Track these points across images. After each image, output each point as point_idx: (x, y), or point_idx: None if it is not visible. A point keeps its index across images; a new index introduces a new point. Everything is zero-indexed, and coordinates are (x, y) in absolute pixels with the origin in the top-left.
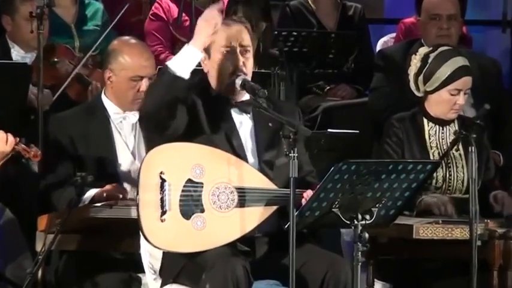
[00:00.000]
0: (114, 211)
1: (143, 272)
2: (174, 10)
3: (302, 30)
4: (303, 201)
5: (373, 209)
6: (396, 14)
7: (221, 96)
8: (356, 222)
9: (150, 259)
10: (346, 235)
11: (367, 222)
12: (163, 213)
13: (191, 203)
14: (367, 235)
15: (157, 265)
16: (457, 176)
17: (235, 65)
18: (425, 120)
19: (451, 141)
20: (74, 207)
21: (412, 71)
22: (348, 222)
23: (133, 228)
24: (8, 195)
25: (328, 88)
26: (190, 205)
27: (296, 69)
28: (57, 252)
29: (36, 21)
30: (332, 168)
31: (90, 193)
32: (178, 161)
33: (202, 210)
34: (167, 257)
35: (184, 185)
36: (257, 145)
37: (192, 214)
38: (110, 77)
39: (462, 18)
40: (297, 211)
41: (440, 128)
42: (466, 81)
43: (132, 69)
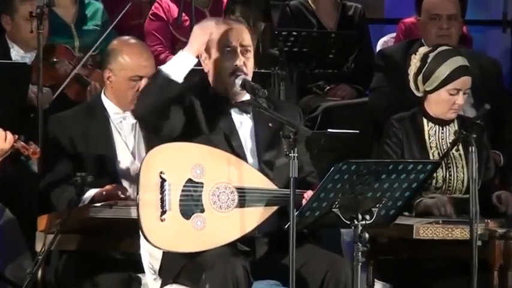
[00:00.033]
0: (114, 211)
1: (143, 272)
2: (174, 10)
3: (302, 30)
4: (303, 201)
5: (373, 209)
6: (396, 14)
7: (221, 96)
8: (356, 222)
9: (150, 259)
10: (346, 235)
11: (367, 222)
12: (163, 213)
13: (191, 202)
14: (367, 235)
15: (157, 265)
16: (457, 176)
17: (236, 65)
18: (425, 120)
19: (451, 141)
20: (73, 207)
21: (411, 70)
22: (348, 222)
23: (133, 228)
24: (8, 195)
25: (328, 88)
26: (191, 205)
27: (296, 69)
28: (57, 252)
29: (35, 21)
30: (332, 168)
31: (90, 193)
32: (178, 161)
33: (202, 210)
34: (167, 257)
35: (184, 184)
36: (257, 145)
37: (192, 214)
38: (110, 77)
39: (462, 18)
40: (297, 211)
41: (440, 128)
42: (465, 81)
43: (132, 69)
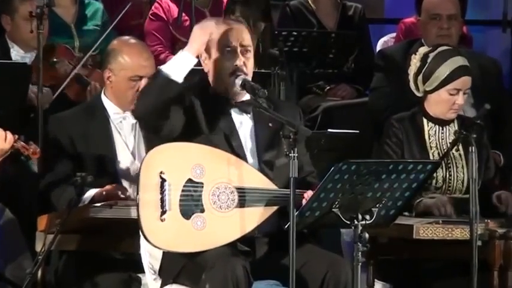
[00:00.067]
0: (114, 211)
1: (143, 272)
2: (174, 10)
3: (302, 30)
4: (303, 201)
5: (373, 209)
6: (396, 13)
7: (221, 96)
8: (356, 222)
9: (150, 259)
10: (346, 235)
11: (367, 222)
12: (163, 212)
13: (191, 202)
14: (367, 235)
15: (157, 265)
16: (457, 176)
17: (236, 65)
18: (425, 120)
19: (451, 141)
20: (73, 207)
21: (411, 70)
22: (348, 222)
23: (133, 228)
24: (7, 195)
25: (328, 88)
26: (191, 205)
27: (296, 69)
28: (57, 252)
29: (35, 21)
30: (332, 168)
31: (90, 193)
32: (178, 161)
33: (202, 210)
34: (167, 257)
35: (184, 184)
36: (257, 145)
37: (192, 214)
38: (110, 77)
39: (462, 18)
40: (297, 211)
41: (440, 128)
42: (465, 81)
43: (132, 69)
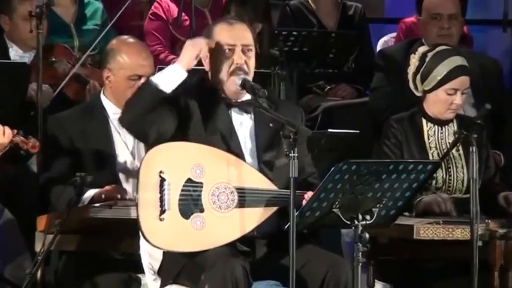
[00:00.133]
0: (113, 211)
1: (143, 272)
2: (174, 10)
3: (302, 29)
4: (304, 202)
5: (373, 209)
6: (397, 13)
7: (221, 96)
8: (356, 222)
9: (149, 260)
10: (346, 235)
11: (368, 222)
12: (162, 212)
13: (191, 202)
14: (367, 235)
15: (157, 266)
16: (457, 176)
17: (237, 64)
18: (424, 121)
19: (451, 141)
20: (73, 207)
21: (410, 70)
22: (349, 222)
23: (133, 228)
24: (7, 196)
25: (328, 88)
26: (190, 205)
27: (296, 69)
28: (56, 252)
29: (34, 21)
30: (332, 168)
31: (90, 193)
32: (178, 161)
33: (202, 210)
34: (167, 258)
35: (184, 184)
36: (257, 145)
37: (192, 214)
38: (109, 77)
39: (463, 18)
40: (297, 211)
41: (439, 128)
42: (463, 81)
43: (130, 68)
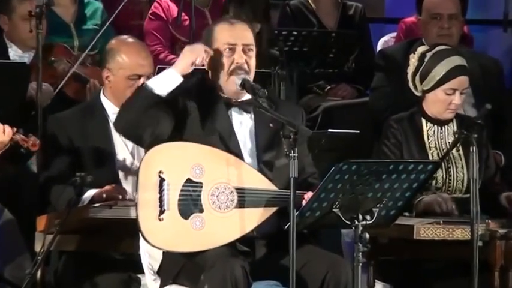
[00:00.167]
0: (113, 211)
1: (143, 272)
2: (174, 9)
3: (302, 29)
4: (303, 203)
5: (373, 209)
6: (397, 13)
7: (221, 96)
8: (356, 222)
9: (149, 260)
10: (346, 236)
11: (368, 222)
12: (161, 212)
13: (190, 202)
14: (367, 235)
15: (156, 266)
16: (457, 176)
17: (237, 63)
18: (423, 121)
19: (451, 141)
20: (73, 207)
21: (410, 70)
22: (349, 222)
23: (132, 228)
24: (7, 196)
25: (328, 88)
26: (189, 205)
27: (296, 69)
28: (56, 252)
29: (34, 21)
30: (332, 168)
31: (89, 193)
32: (177, 161)
33: (201, 210)
34: (167, 258)
35: (183, 184)
36: (257, 145)
37: (191, 214)
38: (108, 77)
39: (463, 18)
40: (297, 212)
41: (439, 128)
42: (462, 81)
43: (130, 68)
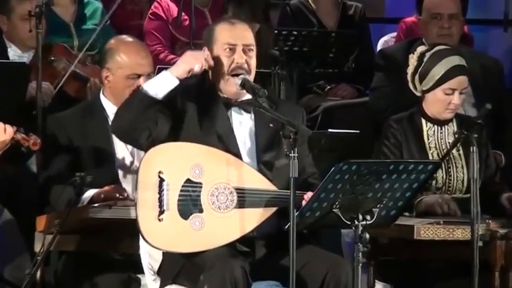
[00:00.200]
0: (113, 212)
1: (142, 272)
2: (174, 9)
3: (302, 29)
4: (303, 203)
5: (373, 209)
6: (397, 13)
7: (220, 96)
8: (357, 222)
9: (149, 260)
10: (346, 236)
11: (368, 222)
12: (161, 212)
13: (190, 203)
14: (367, 236)
15: (156, 266)
16: (457, 176)
17: (237, 63)
18: (423, 121)
19: (452, 141)
20: (72, 207)
21: (409, 70)
22: (349, 222)
23: (132, 228)
24: (6, 196)
25: (328, 88)
26: (189, 205)
27: (296, 69)
28: (56, 252)
29: (33, 20)
30: (333, 168)
31: (89, 193)
32: (177, 161)
33: (201, 211)
34: (166, 258)
35: (183, 184)
36: (257, 145)
37: (191, 214)
38: (108, 76)
39: (463, 18)
40: (297, 212)
41: (439, 128)
42: (461, 81)
43: (129, 67)
